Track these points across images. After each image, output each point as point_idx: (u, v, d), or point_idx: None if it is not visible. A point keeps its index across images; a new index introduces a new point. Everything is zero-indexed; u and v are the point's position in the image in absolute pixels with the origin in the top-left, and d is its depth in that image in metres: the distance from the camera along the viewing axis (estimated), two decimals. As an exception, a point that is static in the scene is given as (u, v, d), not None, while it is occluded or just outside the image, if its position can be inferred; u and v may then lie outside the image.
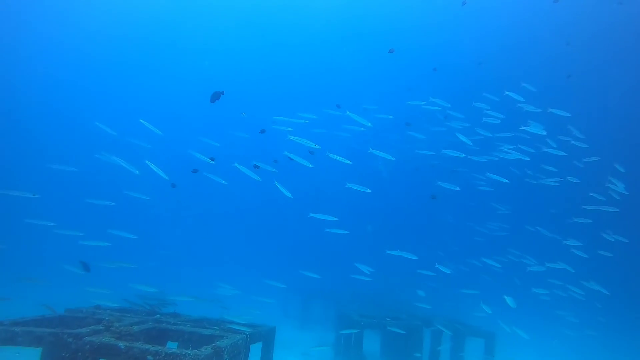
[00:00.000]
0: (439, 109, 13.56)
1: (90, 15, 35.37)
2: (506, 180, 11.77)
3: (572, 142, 13.06)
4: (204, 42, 39.12)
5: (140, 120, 9.90)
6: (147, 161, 8.22)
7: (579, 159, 14.61)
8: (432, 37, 30.80)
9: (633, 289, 23.06)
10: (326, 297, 17.79)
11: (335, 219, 9.81)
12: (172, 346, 6.60)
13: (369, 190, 9.49)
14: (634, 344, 18.82)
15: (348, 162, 9.27)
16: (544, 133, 11.29)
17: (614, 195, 13.18)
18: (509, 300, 9.86)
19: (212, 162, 10.29)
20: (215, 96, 12.03)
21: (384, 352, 12.83)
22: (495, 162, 14.16)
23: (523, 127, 11.15)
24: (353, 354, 10.49)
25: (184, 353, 5.03)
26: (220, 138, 15.73)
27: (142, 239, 10.68)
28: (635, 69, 25.74)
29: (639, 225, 21.94)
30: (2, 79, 35.89)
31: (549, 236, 15.35)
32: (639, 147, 25.59)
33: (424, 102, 13.31)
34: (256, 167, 10.72)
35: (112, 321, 5.78)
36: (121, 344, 5.05)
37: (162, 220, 31.87)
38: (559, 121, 13.25)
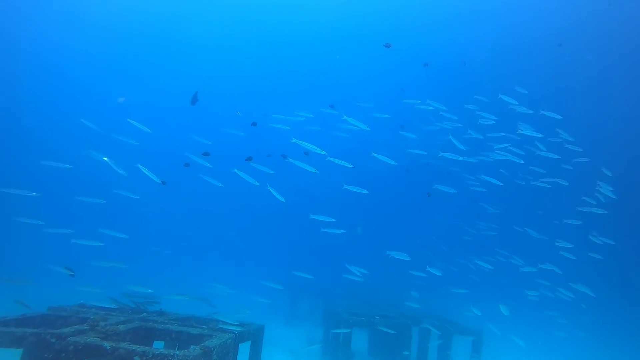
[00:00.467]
0: (431, 108, 13.55)
1: (84, 11, 34.78)
2: (499, 183, 11.84)
3: (566, 145, 13.18)
4: (199, 40, 38.67)
5: (129, 120, 9.75)
6: (139, 165, 8.09)
7: (568, 161, 14.77)
8: (428, 35, 30.86)
9: (618, 289, 23.55)
10: (314, 293, 17.70)
11: (334, 219, 9.78)
12: (158, 345, 6.47)
13: (366, 192, 9.44)
14: (620, 342, 19.19)
15: (349, 165, 9.22)
16: (540, 135, 11.34)
17: (600, 198, 13.39)
18: (502, 308, 9.96)
19: (206, 157, 10.18)
20: (194, 99, 11.91)
21: (372, 350, 12.86)
22: (486, 163, 14.23)
23: (520, 131, 11.17)
24: (341, 352, 10.46)
25: (172, 354, 4.90)
26: (213, 136, 15.53)
27: (132, 237, 10.46)
28: (627, 70, 26.16)
29: (624, 227, 22.42)
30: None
31: (536, 237, 15.54)
32: (628, 150, 26.12)
33: (419, 102, 13.29)
34: (249, 159, 10.62)
35: (97, 320, 5.61)
36: (107, 345, 4.90)
37: (152, 217, 31.36)
38: (549, 123, 13.36)
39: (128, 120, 9.87)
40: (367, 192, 9.44)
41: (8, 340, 5.04)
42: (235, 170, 9.52)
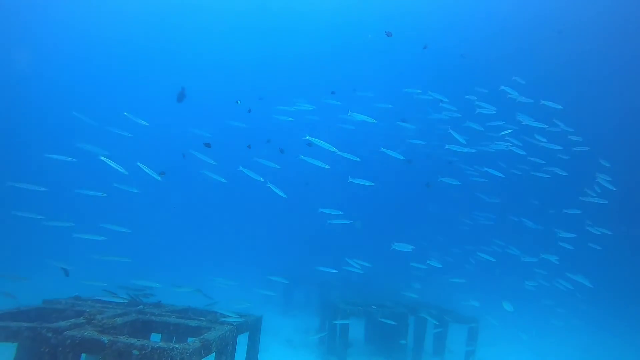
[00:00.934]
0: (431, 98, 13.42)
1: (83, 9, 34.29)
2: (500, 174, 11.79)
3: (565, 135, 13.10)
4: (198, 32, 38.09)
5: (125, 113, 9.63)
6: (138, 163, 8.00)
7: (566, 151, 14.72)
8: (426, 25, 30.54)
9: (616, 278, 23.76)
10: (310, 283, 17.67)
11: (341, 212, 9.79)
12: (155, 337, 6.42)
13: (372, 184, 9.41)
14: (618, 331, 19.36)
15: (356, 159, 9.15)
16: (544, 126, 11.24)
17: (597, 189, 13.41)
18: (505, 304, 10.01)
19: (208, 148, 10.17)
20: (181, 95, 11.75)
21: (368, 339, 12.93)
22: (485, 153, 14.15)
23: (524, 123, 11.05)
24: (338, 341, 10.50)
25: (171, 347, 4.83)
26: (214, 128, 15.38)
27: (133, 231, 10.38)
28: (623, 60, 26.04)
29: (622, 218, 22.55)
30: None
31: (532, 227, 15.58)
32: (627, 141, 26.16)
33: (420, 91, 13.15)
34: (249, 147, 10.66)
35: (94, 313, 5.53)
36: (104, 338, 4.83)
37: (151, 210, 31.19)
38: (547, 113, 13.28)
39: (125, 114, 9.75)
40: (373, 184, 9.42)
41: (3, 335, 4.96)
42: (241, 167, 9.47)
